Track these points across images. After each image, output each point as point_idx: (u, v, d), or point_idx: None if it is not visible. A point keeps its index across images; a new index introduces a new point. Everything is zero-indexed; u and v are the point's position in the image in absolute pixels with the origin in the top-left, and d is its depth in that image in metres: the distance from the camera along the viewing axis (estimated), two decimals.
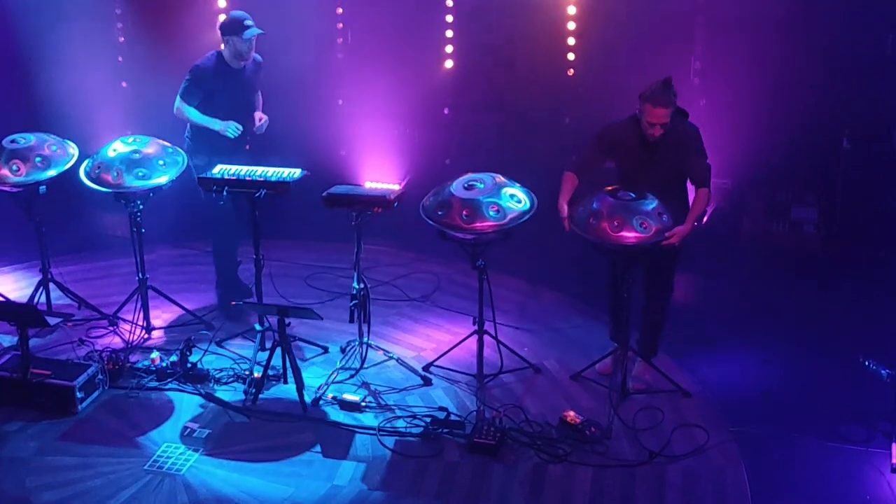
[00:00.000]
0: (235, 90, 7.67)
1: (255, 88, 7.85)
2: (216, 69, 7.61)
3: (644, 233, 6.31)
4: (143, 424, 6.57)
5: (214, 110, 7.60)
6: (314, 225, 8.80)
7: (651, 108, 6.42)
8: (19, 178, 7.42)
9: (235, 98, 7.67)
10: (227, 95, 7.63)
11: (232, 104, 7.65)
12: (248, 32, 7.48)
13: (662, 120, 6.44)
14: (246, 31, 7.47)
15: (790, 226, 9.03)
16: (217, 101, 7.61)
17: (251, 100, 7.82)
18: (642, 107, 6.46)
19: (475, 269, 6.79)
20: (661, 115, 6.43)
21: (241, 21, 7.50)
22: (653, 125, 6.47)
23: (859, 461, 6.15)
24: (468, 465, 6.19)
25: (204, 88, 7.59)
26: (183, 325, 7.75)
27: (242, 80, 7.70)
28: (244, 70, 7.69)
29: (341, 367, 7.16)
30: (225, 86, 7.62)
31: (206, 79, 7.58)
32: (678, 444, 6.33)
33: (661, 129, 6.48)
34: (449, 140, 9.87)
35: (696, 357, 7.35)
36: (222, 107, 7.62)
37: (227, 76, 7.63)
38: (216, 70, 7.61)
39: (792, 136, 8.74)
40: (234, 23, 7.53)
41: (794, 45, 8.59)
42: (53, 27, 9.41)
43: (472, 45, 9.59)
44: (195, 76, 7.59)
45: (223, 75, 7.61)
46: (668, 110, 6.43)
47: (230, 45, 7.54)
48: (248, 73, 7.73)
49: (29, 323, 6.70)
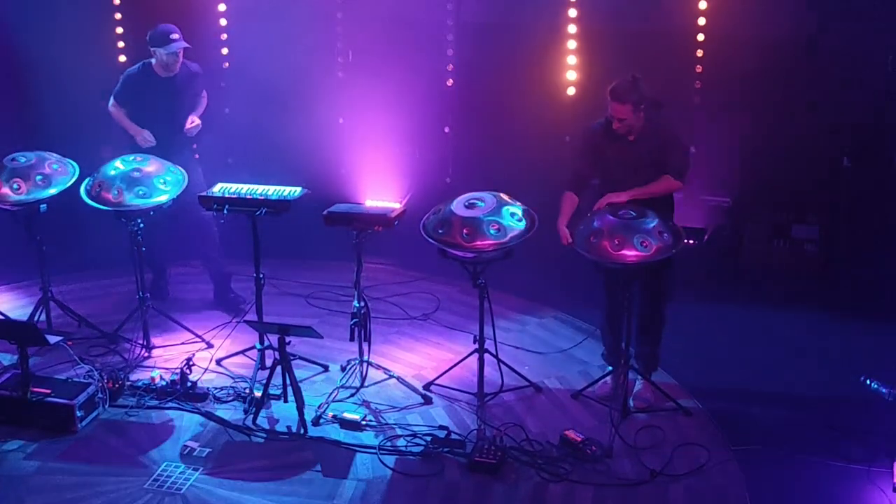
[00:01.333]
0: (161, 99, 7.94)
1: (188, 98, 8.07)
2: (142, 78, 7.95)
3: (645, 252, 6.32)
4: (143, 443, 6.55)
5: (139, 117, 7.94)
6: (315, 243, 8.80)
7: (612, 102, 6.55)
8: (20, 196, 7.42)
9: (159, 107, 7.95)
10: (151, 104, 7.94)
11: (155, 112, 7.95)
12: (171, 46, 7.77)
13: (621, 115, 6.55)
14: (170, 45, 7.77)
15: (791, 244, 9.03)
16: (141, 108, 7.95)
17: (179, 109, 8.02)
18: (608, 102, 6.58)
19: (476, 288, 6.78)
20: (618, 111, 6.54)
21: (167, 34, 7.79)
22: (612, 118, 6.59)
23: (861, 480, 6.13)
24: (469, 484, 6.17)
25: (130, 94, 7.95)
26: (183, 344, 7.74)
27: (171, 90, 7.96)
28: (174, 79, 7.95)
29: (342, 385, 7.14)
30: (150, 94, 7.93)
31: (132, 85, 7.96)
32: (679, 463, 6.31)
33: (620, 124, 6.58)
34: (450, 158, 9.88)
35: (697, 376, 7.34)
36: (146, 114, 7.94)
37: (154, 85, 7.93)
38: (142, 78, 7.95)
39: (792, 155, 8.75)
40: (159, 35, 7.82)
41: (794, 64, 8.61)
42: (55, 45, 9.42)
43: (473, 63, 9.61)
44: (123, 82, 8.01)
45: (150, 84, 7.93)
46: (625, 107, 6.52)
47: (157, 56, 7.83)
48: (178, 83, 7.99)
49: (29, 341, 6.70)
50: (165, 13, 8.70)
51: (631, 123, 6.57)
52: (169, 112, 7.96)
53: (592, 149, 6.80)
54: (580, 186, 6.84)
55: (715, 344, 7.81)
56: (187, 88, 8.05)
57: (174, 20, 8.40)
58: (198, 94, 8.18)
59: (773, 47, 8.62)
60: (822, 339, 7.83)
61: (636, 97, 6.51)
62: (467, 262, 6.70)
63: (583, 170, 6.85)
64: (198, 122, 8.02)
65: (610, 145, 6.70)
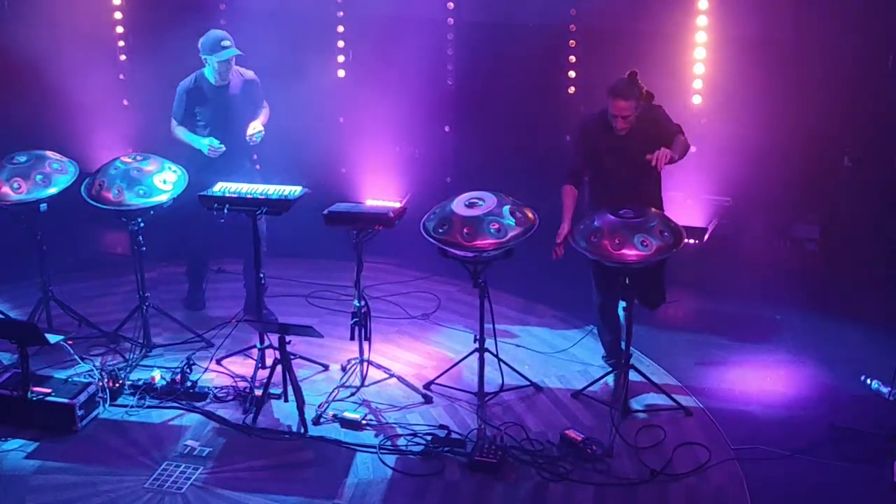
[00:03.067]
0: (217, 108, 7.78)
1: (245, 106, 7.89)
2: (197, 88, 7.77)
3: (645, 251, 6.33)
4: (143, 442, 6.56)
5: (198, 128, 7.78)
6: (315, 243, 8.79)
7: (612, 100, 6.58)
8: (20, 195, 7.42)
9: (217, 116, 7.78)
10: (208, 113, 7.77)
11: (214, 122, 7.78)
12: (224, 53, 7.61)
13: (624, 112, 6.58)
14: (221, 52, 7.61)
15: (791, 244, 9.03)
16: (200, 120, 7.78)
17: (234, 118, 7.84)
18: (607, 100, 6.61)
19: (476, 287, 6.78)
20: (621, 108, 6.57)
21: (218, 41, 7.64)
22: (615, 118, 6.62)
23: (861, 480, 6.14)
24: (469, 483, 6.17)
25: (187, 107, 7.76)
26: (183, 343, 7.74)
27: (226, 98, 7.80)
28: (228, 87, 7.79)
29: (342, 385, 7.14)
30: (207, 104, 7.76)
31: (188, 98, 7.75)
32: (680, 463, 6.31)
33: (623, 122, 6.62)
34: (450, 158, 9.87)
35: (698, 376, 7.34)
36: (205, 125, 7.77)
37: (209, 94, 7.76)
38: (197, 89, 7.77)
39: (793, 154, 8.74)
40: (210, 43, 7.67)
41: (795, 63, 8.60)
42: (55, 45, 9.43)
43: (473, 62, 9.61)
44: (179, 97, 7.80)
45: (205, 93, 7.76)
46: (628, 103, 6.56)
47: (209, 63, 7.70)
48: (232, 91, 7.82)
49: (29, 341, 6.70)
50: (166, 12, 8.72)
51: (633, 119, 6.59)
52: (225, 122, 7.78)
53: (586, 142, 6.84)
54: (579, 180, 6.88)
55: (715, 343, 7.80)
56: (245, 96, 7.87)
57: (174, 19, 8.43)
58: (256, 103, 7.96)
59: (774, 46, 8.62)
60: (822, 338, 7.82)
61: (637, 92, 6.57)
62: (468, 261, 6.70)
63: (581, 164, 6.88)
64: (260, 128, 7.77)
65: (603, 138, 6.75)
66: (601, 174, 6.81)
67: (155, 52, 9.23)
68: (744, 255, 9.03)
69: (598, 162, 6.81)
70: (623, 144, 6.68)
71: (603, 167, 6.79)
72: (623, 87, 6.56)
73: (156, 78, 9.35)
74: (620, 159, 6.71)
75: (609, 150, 6.74)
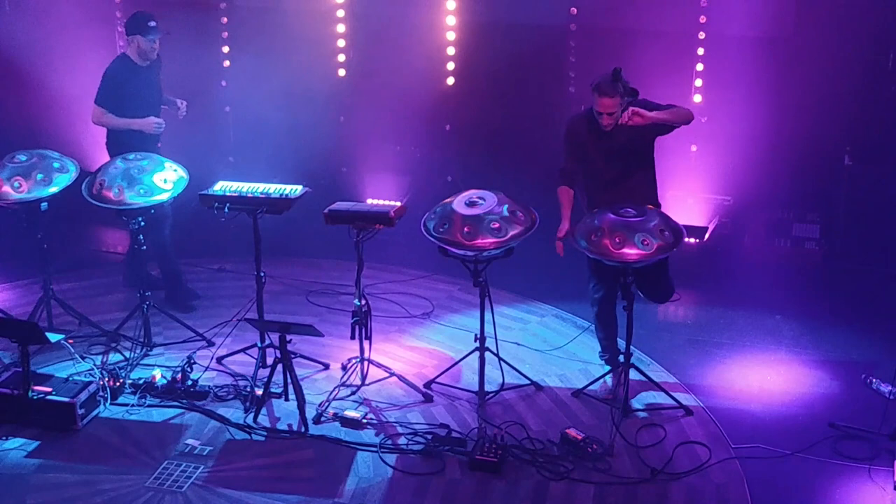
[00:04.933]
0: (146, 89, 7.89)
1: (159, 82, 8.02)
2: (127, 70, 7.84)
3: (645, 250, 6.33)
4: (144, 441, 6.56)
5: (129, 112, 7.81)
6: (315, 242, 8.80)
7: (598, 97, 6.60)
8: (21, 194, 7.43)
9: (147, 97, 7.89)
10: (139, 95, 7.86)
11: (145, 103, 7.87)
12: (154, 33, 7.71)
13: (609, 109, 6.59)
14: (149, 32, 7.71)
15: (792, 243, 9.03)
16: (131, 103, 7.82)
17: (158, 99, 7.99)
18: (592, 97, 6.64)
19: (476, 286, 6.79)
20: (606, 105, 6.58)
21: (146, 21, 7.73)
22: (601, 115, 6.63)
23: (862, 479, 6.14)
24: (469, 482, 6.18)
25: (118, 91, 7.80)
26: (184, 342, 7.74)
27: (150, 77, 7.92)
28: (151, 67, 7.90)
29: (342, 384, 7.15)
30: (137, 86, 7.84)
31: (120, 82, 7.80)
32: (680, 462, 6.32)
33: (608, 119, 6.63)
34: (450, 157, 9.87)
35: (698, 375, 7.35)
36: (137, 107, 7.83)
37: (138, 76, 7.85)
38: (127, 71, 7.83)
39: (793, 153, 8.75)
40: (138, 22, 7.76)
41: (795, 63, 8.61)
42: (56, 44, 9.43)
43: (473, 62, 9.61)
44: (109, 81, 7.83)
45: (133, 75, 7.84)
46: (613, 100, 6.57)
47: (134, 44, 7.77)
48: (154, 70, 7.95)
49: (30, 340, 6.70)
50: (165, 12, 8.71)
51: (618, 116, 6.61)
52: (154, 101, 7.93)
53: (574, 140, 6.85)
54: (572, 179, 6.89)
55: (715, 342, 7.81)
56: (158, 75, 8.02)
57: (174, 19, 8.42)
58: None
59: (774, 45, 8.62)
60: (823, 337, 7.82)
61: (621, 88, 6.59)
62: (468, 260, 6.70)
63: (570, 164, 6.90)
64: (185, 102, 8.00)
65: (590, 135, 6.77)
66: (591, 172, 6.84)
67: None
68: (744, 254, 9.04)
69: (587, 160, 6.83)
70: (609, 141, 6.71)
71: (592, 165, 6.81)
72: (606, 85, 6.57)
73: None
74: (608, 155, 6.74)
75: (597, 148, 6.77)
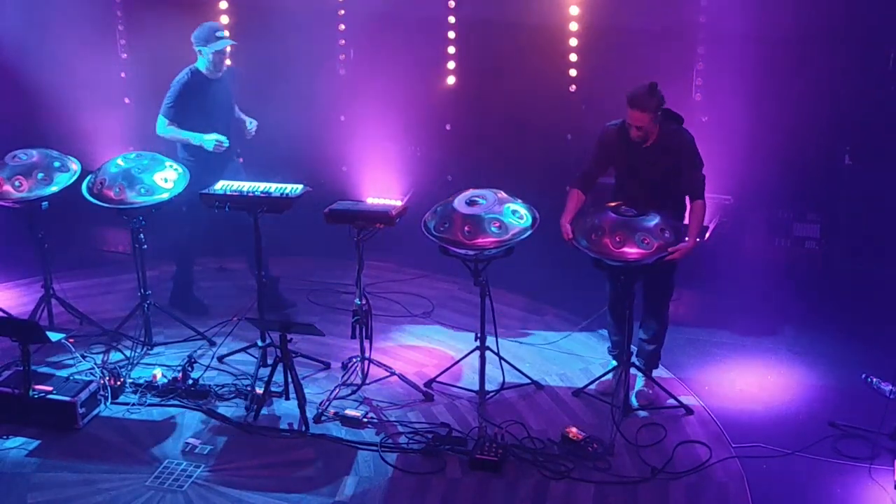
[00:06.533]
0: (215, 101, 7.75)
1: (233, 97, 7.91)
2: (194, 83, 7.69)
3: (646, 249, 6.33)
4: (144, 441, 6.57)
5: (195, 125, 7.68)
6: (316, 241, 8.80)
7: (629, 110, 6.52)
8: (21, 193, 7.43)
9: (213, 111, 7.74)
10: (207, 108, 7.71)
11: (210, 118, 7.72)
12: (219, 43, 7.58)
13: (639, 123, 6.52)
14: (217, 42, 7.57)
15: (792, 242, 9.02)
16: (198, 116, 7.69)
17: (229, 109, 7.87)
18: (627, 109, 6.56)
19: (477, 285, 6.79)
20: (637, 118, 6.51)
21: (213, 31, 7.60)
22: (630, 126, 6.57)
23: (862, 479, 6.14)
24: (470, 481, 6.18)
25: (185, 104, 7.67)
26: (185, 342, 7.74)
27: (221, 91, 7.78)
28: (222, 80, 7.76)
29: (343, 383, 7.15)
30: (204, 98, 7.70)
31: (186, 93, 7.67)
32: (680, 461, 6.32)
33: (637, 132, 6.56)
34: (451, 156, 9.86)
35: (699, 374, 7.35)
36: (201, 121, 7.69)
37: (206, 89, 7.71)
38: (195, 83, 7.69)
39: (793, 153, 8.74)
40: (205, 33, 7.62)
41: (795, 62, 8.60)
42: (56, 43, 9.42)
43: (474, 61, 9.60)
44: (176, 92, 7.69)
45: (201, 87, 7.70)
46: (644, 114, 6.49)
47: (203, 55, 7.63)
48: (224, 82, 7.80)
49: (31, 339, 6.70)
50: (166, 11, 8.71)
51: (648, 130, 6.56)
52: (222, 115, 7.77)
53: (605, 150, 6.80)
54: (588, 185, 6.86)
55: (716, 342, 7.81)
56: (231, 88, 7.88)
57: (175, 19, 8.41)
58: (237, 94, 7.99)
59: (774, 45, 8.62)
60: (823, 337, 7.82)
61: (654, 104, 6.50)
62: (468, 259, 6.71)
63: (592, 170, 6.87)
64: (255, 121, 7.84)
65: (623, 148, 6.70)
66: (618, 185, 6.81)
67: (156, 51, 9.22)
68: (744, 253, 9.03)
69: (619, 175, 6.81)
70: (642, 157, 6.65)
71: (620, 178, 6.79)
72: (639, 98, 6.46)
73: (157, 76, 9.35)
74: (638, 172, 6.68)
75: (629, 162, 6.70)
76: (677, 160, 6.63)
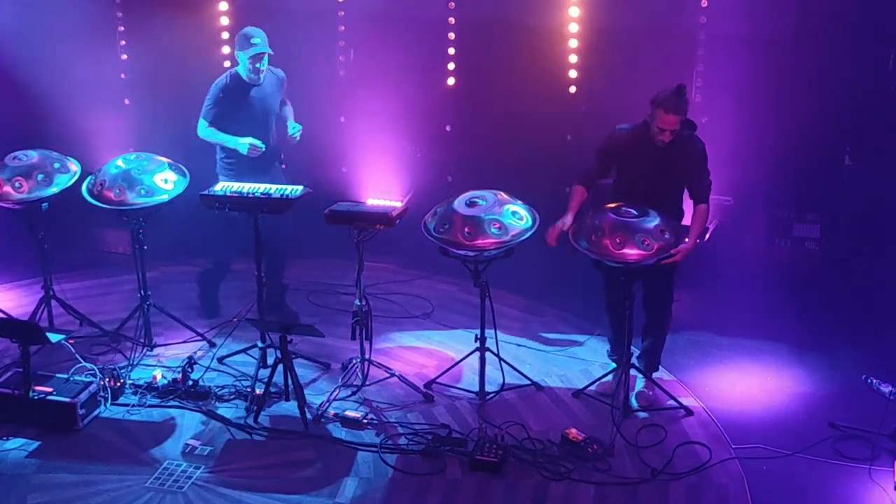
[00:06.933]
0: (253, 106, 7.69)
1: (277, 104, 7.84)
2: (233, 86, 7.64)
3: (646, 250, 6.33)
4: (144, 442, 6.57)
5: (234, 128, 7.62)
6: (316, 242, 8.79)
7: (663, 114, 6.44)
8: (21, 194, 7.44)
9: (253, 114, 7.69)
10: (244, 112, 7.65)
11: (250, 121, 7.67)
12: (251, 50, 7.50)
13: (673, 126, 6.47)
14: (250, 49, 7.51)
15: (792, 243, 9.02)
16: (236, 120, 7.63)
17: (272, 116, 7.80)
18: (654, 112, 6.48)
19: (477, 286, 6.79)
20: (672, 122, 6.45)
21: (248, 38, 7.54)
22: (662, 131, 6.50)
23: (862, 479, 6.14)
24: (470, 482, 6.18)
25: (223, 107, 7.62)
26: (185, 343, 7.74)
27: (260, 96, 7.72)
28: (263, 86, 7.70)
29: (343, 384, 7.15)
30: (242, 102, 7.64)
31: (224, 96, 7.62)
32: (680, 462, 6.32)
33: (670, 136, 6.52)
34: (451, 157, 9.86)
35: (699, 375, 7.35)
36: (242, 125, 7.63)
37: (244, 92, 7.65)
38: (233, 87, 7.64)
39: (793, 153, 8.73)
40: (240, 39, 7.59)
41: (795, 63, 8.59)
42: (56, 44, 9.42)
43: (474, 62, 9.59)
44: (213, 94, 7.65)
45: (240, 91, 7.64)
46: (678, 117, 6.46)
47: (240, 60, 7.60)
48: (267, 88, 7.74)
49: (31, 340, 6.71)
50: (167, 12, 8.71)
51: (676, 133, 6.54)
52: (260, 121, 7.72)
53: (612, 152, 6.78)
54: (590, 183, 6.88)
55: (715, 343, 7.81)
56: (275, 95, 7.81)
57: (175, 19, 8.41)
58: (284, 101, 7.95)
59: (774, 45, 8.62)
60: (823, 337, 7.82)
61: (687, 107, 6.49)
62: (468, 260, 6.71)
63: (601, 169, 6.88)
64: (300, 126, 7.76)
65: (634, 153, 6.67)
66: (626, 184, 6.79)
67: (156, 52, 9.23)
68: (744, 254, 9.02)
69: (625, 172, 6.80)
70: (655, 159, 6.62)
71: (628, 177, 6.77)
72: (673, 101, 6.41)
73: (157, 77, 9.37)
74: (648, 172, 6.66)
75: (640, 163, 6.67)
76: (688, 166, 6.62)
